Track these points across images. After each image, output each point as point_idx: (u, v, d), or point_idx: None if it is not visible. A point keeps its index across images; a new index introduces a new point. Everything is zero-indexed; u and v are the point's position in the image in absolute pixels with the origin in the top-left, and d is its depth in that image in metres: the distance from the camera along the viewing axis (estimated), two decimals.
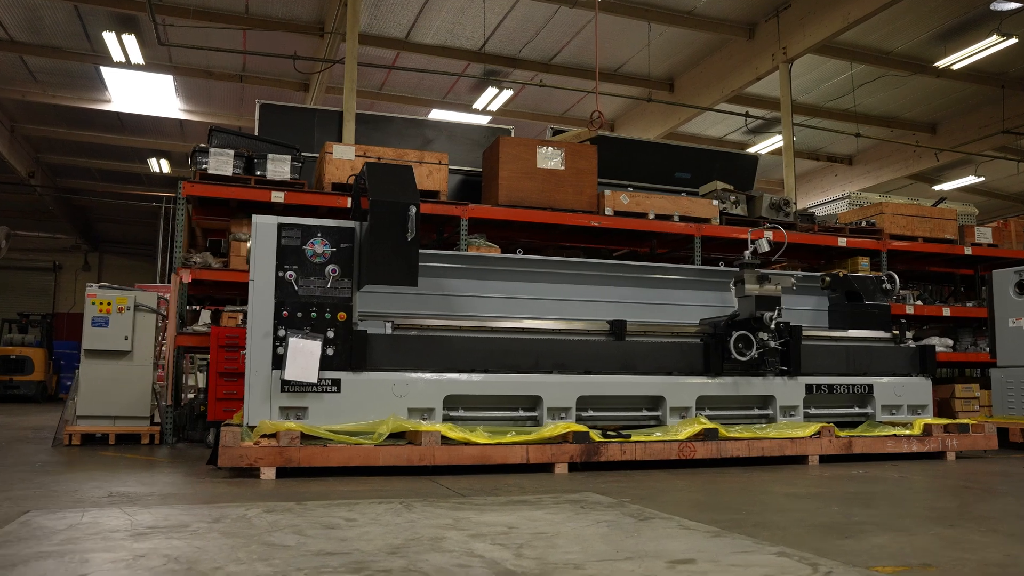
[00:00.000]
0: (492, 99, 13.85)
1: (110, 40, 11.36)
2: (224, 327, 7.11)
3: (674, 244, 9.08)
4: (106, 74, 13.36)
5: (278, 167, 7.34)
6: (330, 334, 4.99)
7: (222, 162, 7.17)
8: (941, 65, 12.41)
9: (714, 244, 8.82)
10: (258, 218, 5.09)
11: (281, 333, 4.91)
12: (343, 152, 7.50)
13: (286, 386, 4.87)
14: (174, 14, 10.92)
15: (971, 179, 17.43)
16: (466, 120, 13.28)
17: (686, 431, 5.31)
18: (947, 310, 9.26)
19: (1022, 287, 7.29)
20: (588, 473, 4.87)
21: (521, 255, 6.32)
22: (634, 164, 9.40)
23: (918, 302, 9.33)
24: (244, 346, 5.11)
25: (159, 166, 18.25)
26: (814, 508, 3.59)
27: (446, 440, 4.81)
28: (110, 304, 6.69)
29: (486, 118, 14.11)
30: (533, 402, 5.37)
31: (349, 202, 6.80)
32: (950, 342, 9.45)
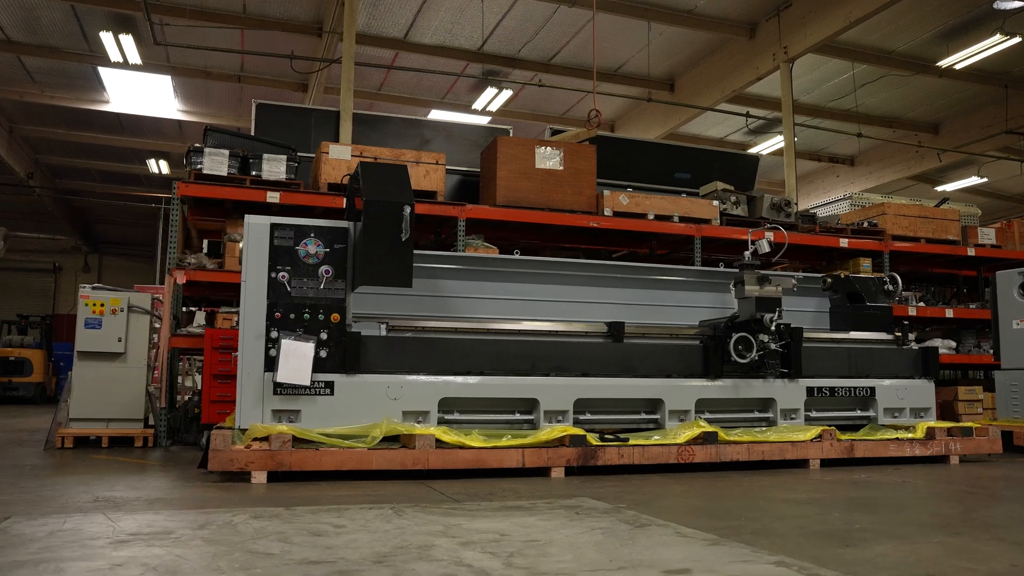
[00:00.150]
0: (491, 99, 13.78)
1: (107, 40, 11.31)
2: (219, 329, 7.04)
3: (674, 245, 9.00)
4: (104, 74, 13.31)
5: (274, 167, 7.27)
6: (323, 336, 4.91)
7: (217, 162, 7.11)
8: (944, 65, 12.32)
9: (714, 245, 8.74)
10: (250, 218, 5.02)
11: (273, 335, 4.84)
12: (339, 152, 7.42)
13: (278, 389, 4.79)
14: (171, 14, 10.86)
15: (974, 180, 17.34)
16: (466, 121, 13.21)
17: (685, 434, 5.23)
18: (950, 312, 9.17)
19: None
20: (585, 477, 4.79)
21: (518, 256, 6.24)
22: (633, 164, 9.32)
23: (921, 304, 9.24)
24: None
25: (158, 167, 18.20)
26: (815, 514, 3.50)
27: (440, 443, 4.73)
28: (103, 305, 6.62)
29: (486, 119, 14.04)
30: (530, 405, 5.29)
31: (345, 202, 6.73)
32: (953, 344, 9.36)
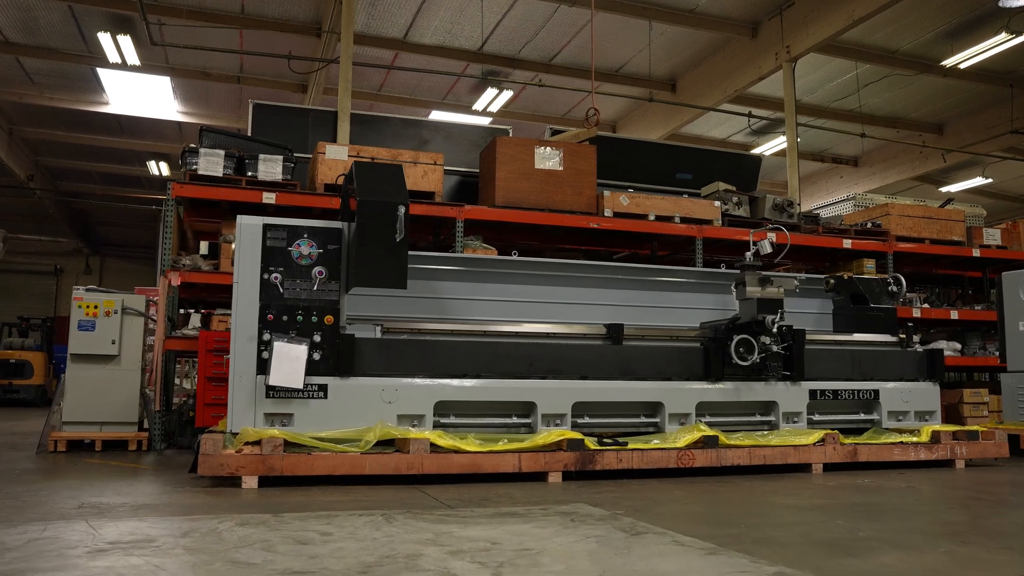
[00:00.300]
0: (492, 100, 13.70)
1: (105, 41, 11.25)
2: (214, 331, 6.96)
3: (675, 246, 8.91)
4: (103, 76, 13.25)
5: (270, 168, 7.19)
6: (316, 338, 4.83)
7: (212, 163, 7.03)
8: (948, 64, 12.21)
9: (716, 246, 8.64)
10: (242, 218, 4.94)
11: (266, 337, 4.76)
12: (336, 152, 7.34)
13: (271, 392, 4.71)
14: (168, 14, 10.79)
15: (979, 180, 17.21)
16: (466, 122, 13.12)
17: (685, 438, 5.13)
18: (955, 313, 9.06)
19: None
20: (583, 482, 4.69)
21: (516, 257, 6.15)
22: (634, 165, 9.23)
23: (925, 305, 9.13)
24: None
25: (158, 169, 18.15)
26: (817, 522, 3.40)
27: (435, 448, 4.64)
28: (97, 307, 6.55)
29: (487, 119, 13.95)
30: (527, 408, 5.20)
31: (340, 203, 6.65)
32: (958, 346, 9.25)
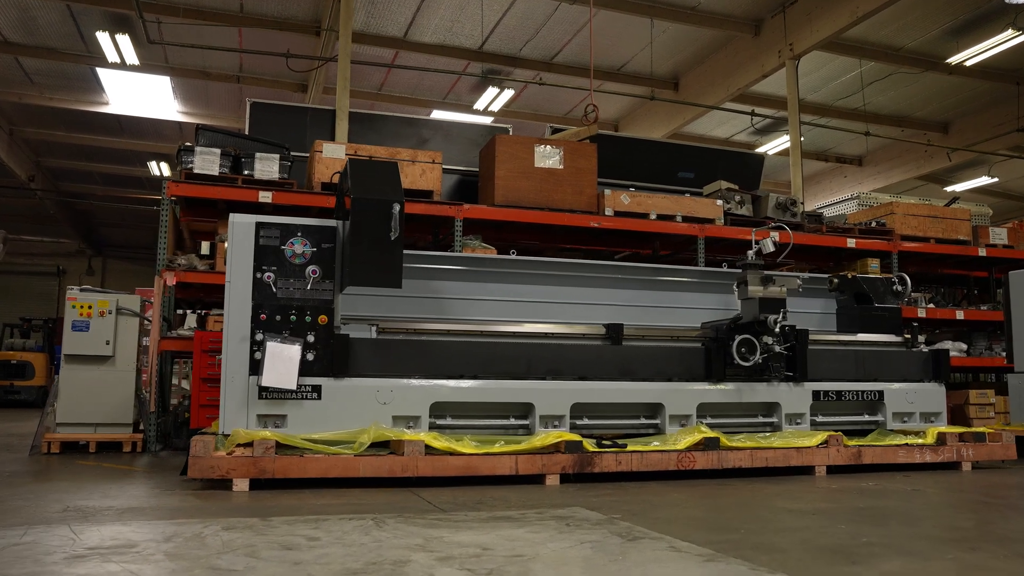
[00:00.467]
0: (493, 99, 13.61)
1: (103, 40, 11.19)
2: (208, 331, 6.89)
3: (677, 246, 8.81)
4: (102, 75, 13.20)
5: (266, 166, 7.11)
6: (310, 338, 4.75)
7: (208, 161, 6.95)
8: (953, 62, 12.09)
9: (719, 246, 8.54)
10: (235, 217, 4.87)
11: (259, 337, 4.68)
12: (333, 151, 7.26)
13: (264, 393, 4.63)
14: (166, 13, 10.72)
15: (984, 180, 17.06)
16: (466, 121, 13.05)
17: (686, 440, 5.04)
18: (961, 313, 8.94)
19: None
20: (581, 485, 4.60)
21: (515, 256, 6.07)
22: (636, 163, 9.14)
23: (930, 305, 9.01)
24: None
25: (159, 170, 18.10)
26: (819, 527, 3.31)
27: (430, 450, 4.55)
28: (91, 308, 6.48)
29: (488, 119, 13.87)
30: (525, 410, 5.11)
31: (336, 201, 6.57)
32: (964, 346, 9.13)
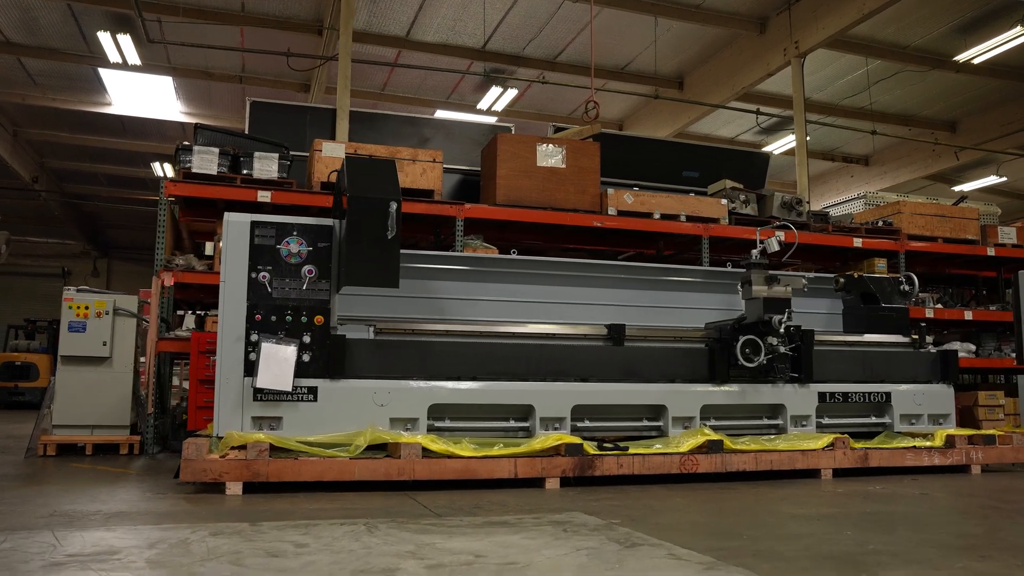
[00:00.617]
0: (497, 99, 13.53)
1: (105, 40, 11.14)
2: (206, 332, 6.82)
3: (681, 245, 8.70)
4: (105, 76, 13.16)
5: (265, 166, 7.04)
6: (306, 339, 4.68)
7: (207, 160, 6.88)
8: (961, 59, 11.94)
9: (723, 245, 8.44)
10: (229, 215, 4.80)
11: (253, 338, 4.61)
12: (333, 150, 7.19)
13: (259, 394, 4.56)
14: (166, 12, 10.67)
15: (992, 179, 16.88)
16: (467, 119, 12.97)
17: (688, 443, 4.94)
18: (969, 313, 8.81)
19: None
20: (581, 488, 4.51)
21: (516, 255, 5.98)
22: (640, 163, 9.05)
23: (938, 305, 8.89)
24: None
25: (163, 171, 18.06)
26: (824, 533, 3.21)
27: (428, 452, 4.47)
28: (87, 308, 6.42)
29: (492, 119, 13.78)
30: (525, 412, 5.02)
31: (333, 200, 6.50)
32: (972, 347, 8.99)
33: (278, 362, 4.59)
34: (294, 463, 4.28)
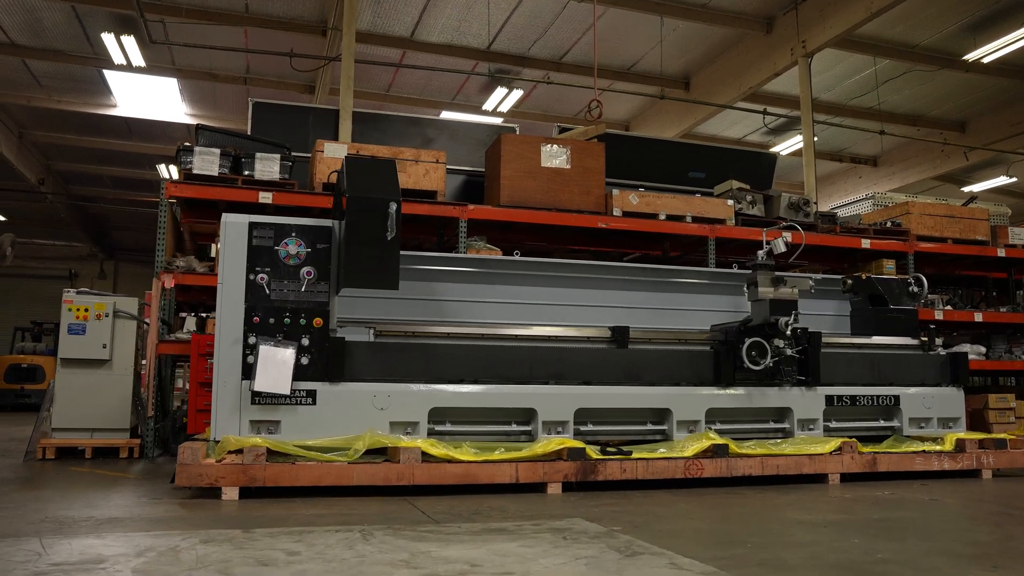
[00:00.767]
0: (502, 99, 13.46)
1: (109, 41, 11.12)
2: (206, 335, 6.76)
3: (687, 247, 8.62)
4: (110, 78, 13.16)
5: (266, 167, 6.99)
6: (305, 341, 4.61)
7: (208, 161, 6.84)
8: (970, 59, 11.82)
9: (730, 247, 8.35)
10: (227, 216, 4.75)
11: (251, 340, 4.55)
12: (335, 151, 7.13)
13: (256, 398, 4.49)
14: (170, 13, 10.65)
15: (1002, 180, 16.72)
16: (471, 120, 12.90)
17: (693, 447, 4.86)
18: (979, 315, 8.70)
19: None
20: (584, 494, 4.44)
21: (519, 257, 5.91)
22: (646, 163, 8.97)
23: (948, 307, 8.77)
24: None
25: (168, 173, 18.05)
26: (831, 541, 3.12)
27: (427, 457, 4.40)
28: (87, 310, 6.37)
29: (497, 120, 13.72)
30: (527, 415, 4.94)
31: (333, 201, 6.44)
32: (983, 349, 8.87)
33: (276, 365, 4.52)
34: (291, 468, 4.22)
